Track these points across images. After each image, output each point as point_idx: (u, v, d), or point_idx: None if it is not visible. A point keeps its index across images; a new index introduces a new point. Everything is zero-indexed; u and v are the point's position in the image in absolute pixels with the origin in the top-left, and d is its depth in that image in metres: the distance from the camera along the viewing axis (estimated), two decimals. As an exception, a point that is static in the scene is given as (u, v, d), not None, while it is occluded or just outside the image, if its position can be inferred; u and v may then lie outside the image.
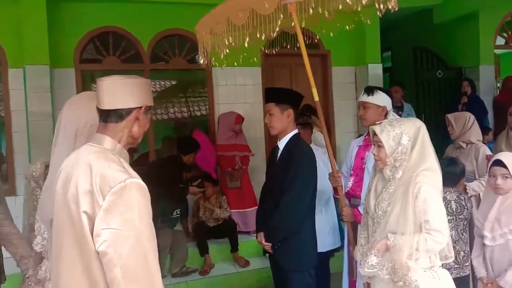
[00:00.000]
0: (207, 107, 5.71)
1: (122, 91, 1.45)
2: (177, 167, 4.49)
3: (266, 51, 3.45)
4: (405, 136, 2.18)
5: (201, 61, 2.73)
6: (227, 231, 4.71)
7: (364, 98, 2.87)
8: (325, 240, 3.29)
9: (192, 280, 4.35)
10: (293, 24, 2.60)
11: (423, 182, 2.09)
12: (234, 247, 4.70)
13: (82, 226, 1.32)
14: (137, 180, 1.36)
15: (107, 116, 1.46)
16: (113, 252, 1.28)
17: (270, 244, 2.67)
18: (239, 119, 5.10)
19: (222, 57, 2.59)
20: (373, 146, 2.34)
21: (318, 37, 5.31)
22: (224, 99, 5.46)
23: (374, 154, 2.29)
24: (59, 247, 1.40)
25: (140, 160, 5.53)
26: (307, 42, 3.50)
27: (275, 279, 2.92)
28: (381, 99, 2.85)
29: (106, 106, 1.45)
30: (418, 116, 5.93)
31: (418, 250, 2.06)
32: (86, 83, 5.18)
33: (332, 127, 6.06)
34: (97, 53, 5.19)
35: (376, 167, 2.36)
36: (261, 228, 2.80)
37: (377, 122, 2.33)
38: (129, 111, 1.47)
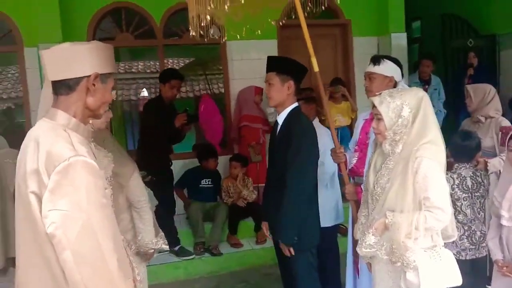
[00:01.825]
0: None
1: (66, 59, 1.34)
2: (156, 109, 4.13)
3: (273, 22, 3.28)
4: (406, 108, 2.03)
5: (193, 33, 2.61)
6: (252, 212, 4.68)
7: (370, 68, 2.69)
8: (330, 215, 3.20)
9: (205, 257, 4.37)
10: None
11: (423, 156, 1.95)
12: (258, 227, 4.63)
13: (31, 207, 1.25)
14: (84, 158, 1.26)
15: (57, 88, 1.37)
16: (61, 235, 1.21)
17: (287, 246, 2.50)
18: (258, 90, 5.01)
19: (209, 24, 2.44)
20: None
21: (338, 3, 5.04)
22: (240, 74, 5.33)
23: (373, 127, 2.15)
24: (17, 229, 1.35)
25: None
26: (322, 8, 3.32)
27: (278, 258, 2.85)
28: (389, 68, 2.65)
29: (51, 77, 1.35)
30: (447, 90, 5.62)
31: (418, 229, 1.93)
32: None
33: (354, 101, 5.82)
34: (112, 30, 5.17)
35: (376, 141, 2.22)
36: (266, 217, 2.73)
37: (377, 93, 2.17)
38: (77, 81, 1.35)
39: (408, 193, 1.95)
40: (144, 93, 9.23)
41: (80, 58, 1.35)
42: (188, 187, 4.77)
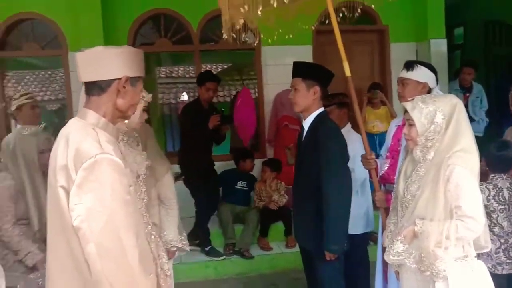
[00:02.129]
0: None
1: (99, 62, 1.41)
2: (194, 112, 4.21)
3: (305, 27, 3.29)
4: (439, 114, 1.98)
5: (225, 36, 2.66)
6: (283, 215, 4.68)
7: (403, 73, 2.63)
8: (360, 223, 3.15)
9: (235, 258, 4.41)
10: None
11: (456, 164, 1.90)
12: (289, 231, 4.63)
13: (60, 201, 1.32)
14: (109, 156, 1.32)
15: (89, 89, 1.44)
16: (86, 228, 1.27)
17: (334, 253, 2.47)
18: None
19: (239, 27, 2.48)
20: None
21: (374, 9, 4.98)
22: (273, 80, 5.34)
23: (404, 133, 2.12)
24: (48, 219, 1.42)
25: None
26: (356, 14, 3.30)
27: (304, 263, 2.84)
28: (422, 74, 2.58)
29: (83, 78, 1.43)
30: (489, 99, 5.41)
31: (449, 238, 1.88)
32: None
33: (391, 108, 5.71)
34: (151, 35, 5.34)
35: (407, 148, 2.18)
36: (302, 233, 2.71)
37: (409, 99, 2.13)
38: (108, 83, 1.42)
39: (439, 201, 1.91)
40: (184, 97, 9.41)
41: (112, 61, 1.42)
42: (223, 187, 4.82)
